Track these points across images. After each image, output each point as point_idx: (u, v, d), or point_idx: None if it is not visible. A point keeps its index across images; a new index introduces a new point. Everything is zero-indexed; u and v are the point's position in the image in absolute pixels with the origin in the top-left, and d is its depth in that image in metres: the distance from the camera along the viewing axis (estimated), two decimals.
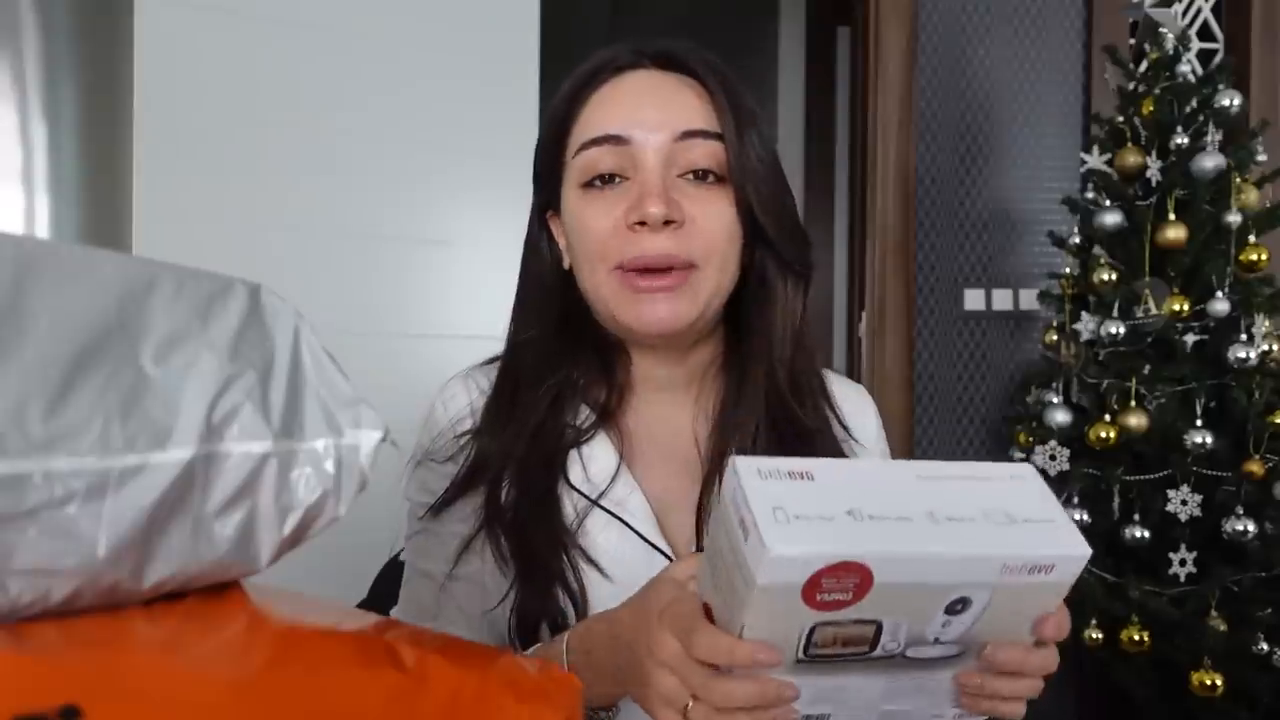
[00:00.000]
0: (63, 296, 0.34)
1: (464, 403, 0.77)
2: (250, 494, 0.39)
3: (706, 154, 0.69)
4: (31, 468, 0.32)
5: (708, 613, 0.52)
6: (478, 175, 1.73)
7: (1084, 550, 0.49)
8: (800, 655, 0.49)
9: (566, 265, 0.76)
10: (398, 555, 1.09)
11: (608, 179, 0.69)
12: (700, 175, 0.69)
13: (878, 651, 0.50)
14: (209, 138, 1.53)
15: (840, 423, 0.78)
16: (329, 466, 0.41)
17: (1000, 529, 0.48)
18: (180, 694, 0.31)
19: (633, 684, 0.56)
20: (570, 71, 0.75)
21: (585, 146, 0.70)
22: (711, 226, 0.69)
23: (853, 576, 0.46)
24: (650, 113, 0.69)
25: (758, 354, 0.75)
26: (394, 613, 0.79)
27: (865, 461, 0.78)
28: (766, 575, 0.45)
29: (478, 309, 1.70)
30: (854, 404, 0.82)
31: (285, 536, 0.41)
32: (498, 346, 0.82)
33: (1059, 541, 0.49)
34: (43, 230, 1.09)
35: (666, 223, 0.67)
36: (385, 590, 1.05)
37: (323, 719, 0.34)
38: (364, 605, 1.04)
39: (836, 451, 0.76)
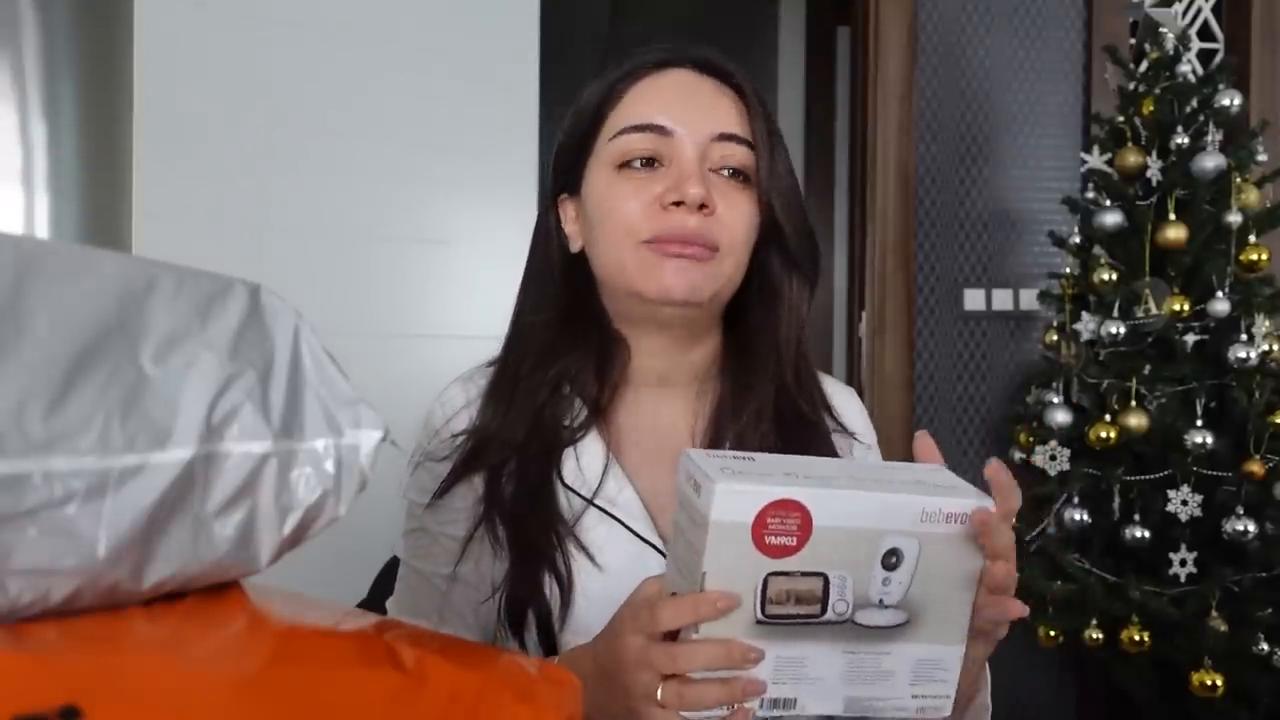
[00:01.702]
0: (62, 296, 0.34)
1: (460, 404, 0.79)
2: (250, 494, 0.39)
3: (738, 156, 0.73)
4: (31, 468, 0.32)
5: None
6: (477, 175, 1.73)
7: (989, 501, 0.57)
8: (758, 615, 0.55)
9: (576, 249, 0.78)
10: (397, 555, 1.09)
11: (645, 162, 0.72)
12: (731, 173, 0.73)
13: (829, 614, 0.56)
14: (208, 137, 1.53)
15: (834, 418, 0.82)
16: (329, 466, 0.41)
17: (916, 487, 0.57)
18: (180, 694, 0.31)
19: (617, 705, 0.58)
20: (569, 73, 0.76)
21: (626, 131, 0.73)
22: (736, 219, 0.73)
23: (794, 516, 0.54)
24: (692, 110, 0.73)
25: (762, 352, 0.78)
26: (389, 604, 0.81)
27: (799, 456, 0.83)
28: (719, 510, 0.53)
29: (477, 309, 1.70)
30: (841, 399, 0.85)
31: (285, 536, 0.41)
32: (498, 346, 0.82)
33: (967, 495, 0.57)
34: (42, 230, 1.09)
35: (700, 207, 0.70)
36: (385, 590, 1.05)
37: (323, 719, 0.34)
38: (364, 605, 1.04)
39: (831, 444, 0.80)
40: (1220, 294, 1.67)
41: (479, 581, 0.75)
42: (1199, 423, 1.64)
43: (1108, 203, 1.78)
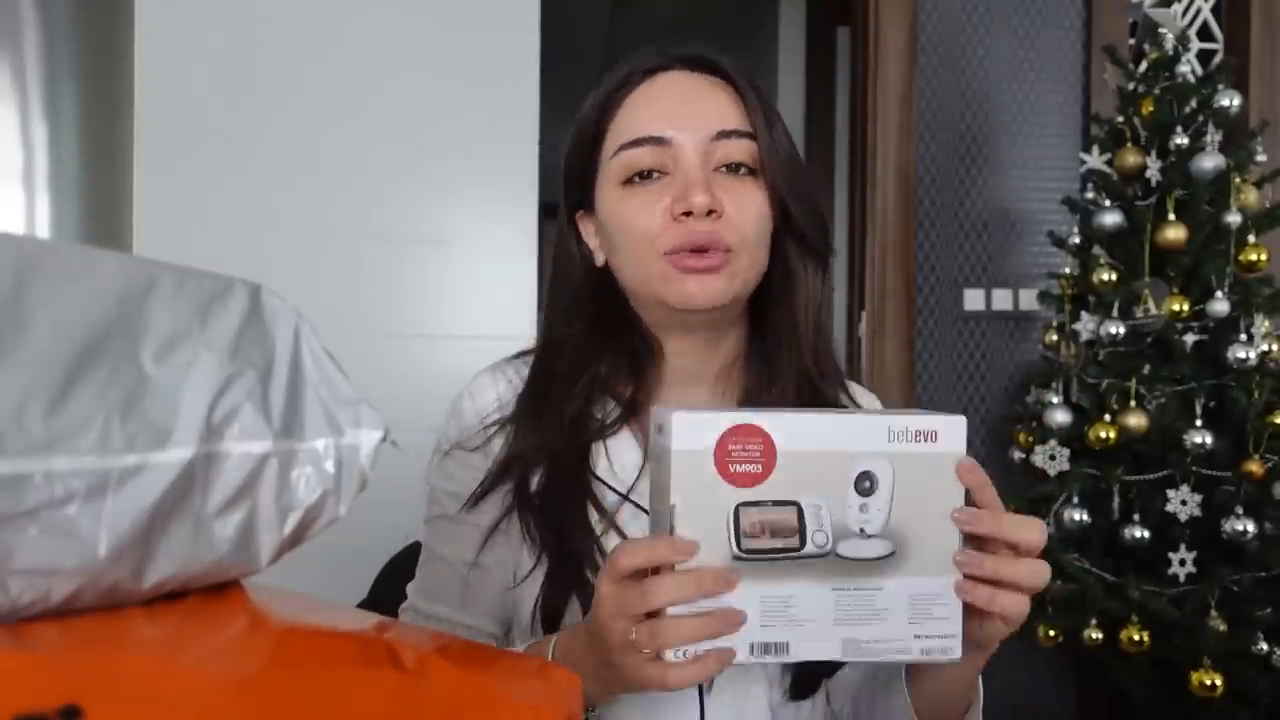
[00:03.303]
0: (63, 296, 0.34)
1: (492, 396, 0.80)
2: (250, 494, 0.39)
3: (740, 150, 0.73)
4: (32, 467, 0.32)
5: None
6: (477, 175, 1.73)
7: (960, 418, 0.57)
8: (735, 550, 0.54)
9: (600, 263, 0.79)
10: (398, 555, 1.09)
11: (647, 174, 0.73)
12: (734, 168, 0.73)
13: (810, 546, 0.55)
14: (209, 137, 1.53)
15: (851, 399, 0.83)
16: (329, 466, 0.41)
17: (882, 413, 0.58)
18: (181, 694, 0.31)
19: (606, 670, 0.58)
20: (569, 72, 0.76)
21: (625, 147, 0.73)
22: (746, 214, 0.73)
23: (756, 442, 0.54)
24: (687, 113, 0.73)
25: (784, 336, 0.79)
26: (410, 588, 0.81)
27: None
28: (679, 439, 0.54)
29: (477, 309, 1.70)
30: (864, 401, 0.87)
31: (285, 536, 0.41)
32: (497, 346, 0.82)
33: (937, 415, 0.57)
34: (43, 230, 1.09)
35: (709, 212, 0.71)
36: (385, 590, 1.05)
37: (323, 719, 0.34)
38: (364, 605, 1.04)
39: None
40: (1219, 294, 1.67)
41: (502, 570, 0.76)
42: (1198, 423, 1.64)
43: (1107, 203, 1.79)
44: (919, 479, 0.56)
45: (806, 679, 0.75)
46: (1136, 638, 1.64)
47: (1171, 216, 1.72)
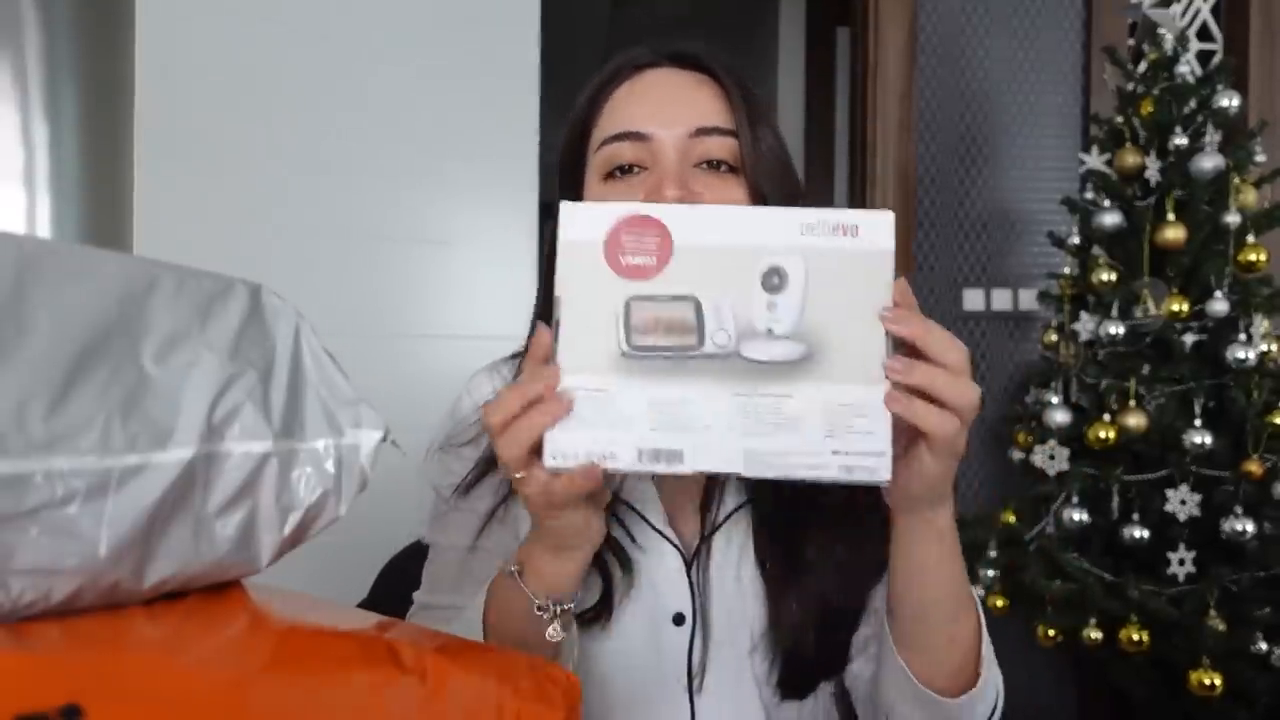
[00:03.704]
0: (64, 296, 0.35)
1: (488, 390, 0.81)
2: (251, 494, 0.39)
3: (720, 147, 0.72)
4: (33, 467, 0.32)
5: None
6: (478, 175, 1.73)
7: (886, 212, 0.51)
8: (625, 346, 0.50)
9: None
10: (398, 555, 1.09)
11: (627, 169, 0.73)
12: (714, 165, 0.72)
13: (709, 345, 0.50)
14: (209, 138, 1.53)
15: None
16: (329, 466, 0.41)
17: (799, 209, 0.52)
18: (181, 693, 0.31)
19: (541, 533, 0.58)
20: (569, 72, 0.76)
21: (608, 142, 0.73)
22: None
23: (652, 234, 0.50)
24: (669, 110, 0.72)
25: None
26: (416, 594, 0.80)
27: None
28: (567, 229, 0.51)
29: (477, 309, 1.70)
30: None
31: (286, 536, 0.41)
32: (497, 345, 0.83)
33: (861, 210, 0.51)
34: (44, 230, 1.09)
35: None
36: (385, 590, 1.05)
37: (323, 718, 0.34)
38: (364, 605, 1.04)
39: None
40: (1219, 294, 1.67)
41: (502, 553, 0.76)
42: (1197, 422, 1.64)
43: (1107, 203, 1.78)
44: (838, 278, 0.50)
45: (798, 678, 0.73)
46: (1136, 637, 1.64)
47: (1171, 217, 1.72)
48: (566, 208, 0.51)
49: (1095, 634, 1.68)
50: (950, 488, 0.57)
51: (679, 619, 0.72)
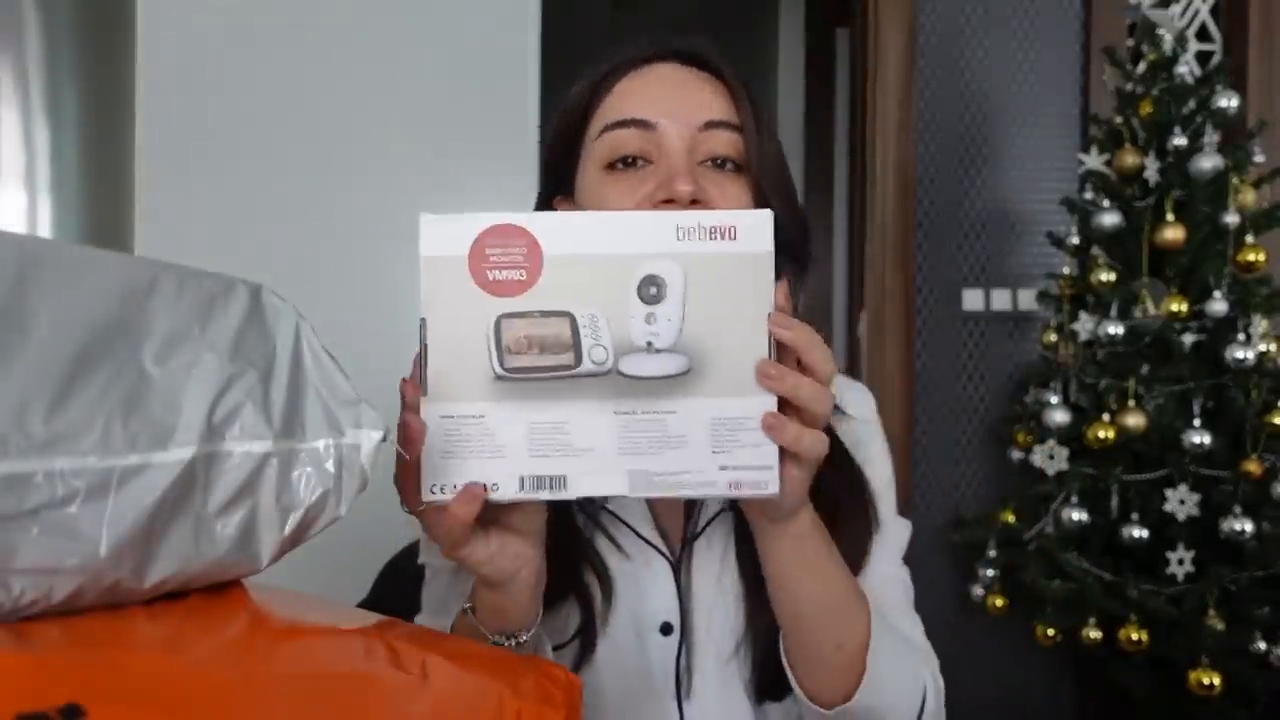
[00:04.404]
0: (65, 296, 0.35)
1: None
2: (251, 493, 0.39)
3: (726, 143, 0.71)
4: (34, 467, 0.32)
5: None
6: (478, 175, 1.73)
7: (766, 212, 0.49)
8: (497, 369, 0.47)
9: None
10: (398, 555, 1.09)
11: (630, 162, 0.71)
12: (719, 163, 0.71)
13: (586, 363, 0.47)
14: (209, 138, 1.53)
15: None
16: (330, 466, 0.41)
17: (671, 212, 0.50)
18: (181, 693, 0.31)
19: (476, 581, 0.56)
20: (568, 72, 0.76)
21: (611, 128, 0.71)
22: (730, 209, 0.70)
23: (518, 245, 0.48)
24: (677, 103, 0.71)
25: None
26: (418, 619, 0.78)
27: None
28: (428, 243, 0.48)
29: None
30: (852, 394, 0.82)
31: (286, 536, 0.41)
32: None
33: (737, 210, 0.50)
34: (45, 230, 1.09)
35: (693, 202, 0.68)
36: (385, 590, 1.05)
37: (323, 718, 0.34)
38: (364, 605, 1.04)
39: (832, 428, 0.76)
40: (1218, 294, 1.67)
41: None
42: (1197, 422, 1.64)
43: (1106, 203, 1.79)
44: (718, 284, 0.48)
45: (773, 680, 0.69)
46: (1135, 637, 1.64)
47: (1170, 217, 1.72)
48: (426, 220, 0.49)
49: (1095, 634, 1.69)
50: (806, 493, 0.55)
51: (666, 628, 0.72)
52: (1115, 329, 1.70)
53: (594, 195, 0.73)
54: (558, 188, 0.78)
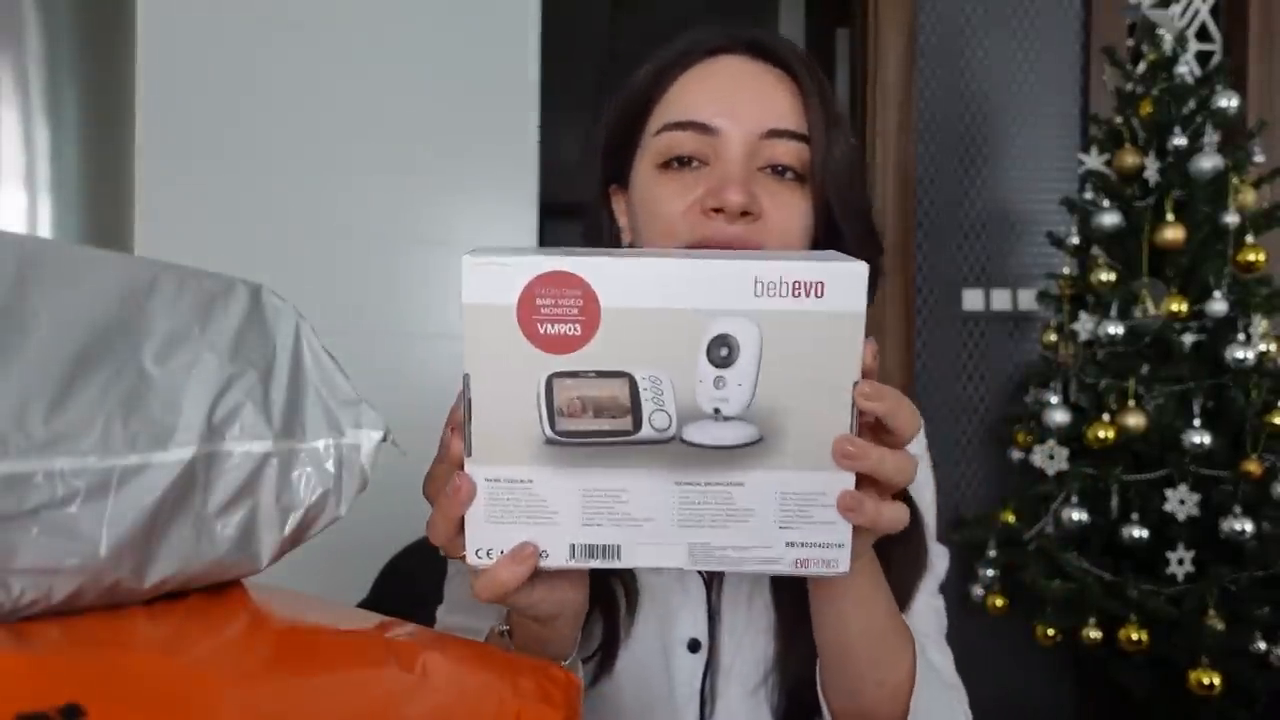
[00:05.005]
0: (64, 296, 0.35)
1: None
2: (251, 493, 0.39)
3: (790, 152, 0.67)
4: (34, 467, 0.32)
5: None
6: (478, 175, 1.73)
7: (859, 265, 0.43)
8: (549, 430, 0.43)
9: (626, 242, 0.74)
10: (398, 555, 1.09)
11: (685, 161, 0.67)
12: (780, 171, 0.67)
13: (646, 430, 0.43)
14: (210, 138, 1.53)
15: None
16: (330, 466, 0.41)
17: (751, 256, 0.44)
18: (181, 693, 0.31)
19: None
20: (568, 72, 0.75)
21: (669, 128, 0.68)
22: (786, 223, 0.66)
23: (573, 296, 0.42)
24: (740, 105, 0.66)
25: None
26: (439, 610, 0.77)
27: None
28: (471, 290, 0.43)
29: None
30: None
31: (286, 536, 0.41)
32: None
33: (826, 260, 0.43)
34: (45, 231, 1.09)
35: (743, 214, 0.65)
36: (385, 590, 1.05)
37: (323, 719, 0.34)
38: (364, 605, 1.04)
39: None
40: (1218, 294, 1.67)
41: None
42: (1197, 422, 1.64)
43: (1106, 203, 1.79)
44: (798, 346, 0.43)
45: (802, 710, 0.68)
46: (1135, 637, 1.64)
47: (1170, 217, 1.72)
48: (469, 264, 0.43)
49: (1095, 633, 1.69)
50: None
51: (694, 645, 0.70)
52: (1115, 329, 1.70)
53: (646, 193, 0.69)
54: (614, 177, 0.74)
